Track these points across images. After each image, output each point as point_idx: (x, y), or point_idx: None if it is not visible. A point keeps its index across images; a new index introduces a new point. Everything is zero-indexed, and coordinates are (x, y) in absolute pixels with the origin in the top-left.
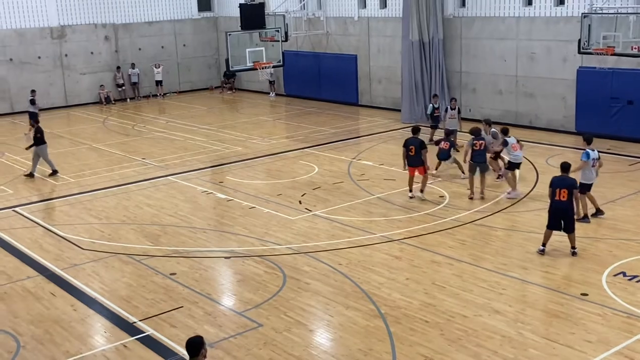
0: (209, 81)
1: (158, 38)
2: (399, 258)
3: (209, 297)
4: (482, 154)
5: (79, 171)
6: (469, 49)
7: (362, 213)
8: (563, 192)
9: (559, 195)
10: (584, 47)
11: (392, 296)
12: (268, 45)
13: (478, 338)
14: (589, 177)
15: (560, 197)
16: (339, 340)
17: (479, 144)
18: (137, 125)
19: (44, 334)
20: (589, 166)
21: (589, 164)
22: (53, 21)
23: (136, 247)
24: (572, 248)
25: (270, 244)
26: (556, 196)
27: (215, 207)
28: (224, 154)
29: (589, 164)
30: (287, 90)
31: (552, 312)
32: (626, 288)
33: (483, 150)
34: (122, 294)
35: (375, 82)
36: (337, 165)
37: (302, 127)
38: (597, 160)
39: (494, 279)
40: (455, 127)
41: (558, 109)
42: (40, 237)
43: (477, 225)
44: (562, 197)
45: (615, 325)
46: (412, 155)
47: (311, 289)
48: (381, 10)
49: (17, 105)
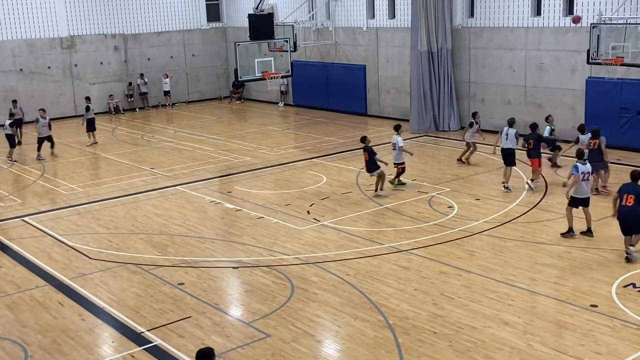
0: (218, 91)
1: (167, 48)
2: (407, 269)
3: (217, 307)
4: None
5: (88, 181)
6: (477, 59)
7: (370, 223)
8: (630, 198)
9: (626, 201)
10: (593, 57)
11: (400, 307)
12: (277, 56)
13: (487, 349)
14: (578, 191)
15: (627, 202)
16: (347, 351)
17: (594, 142)
18: (145, 135)
19: (52, 344)
20: (580, 180)
21: (579, 178)
22: (63, 31)
23: (144, 256)
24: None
25: (279, 254)
26: (623, 201)
27: (223, 217)
28: (232, 163)
29: (579, 178)
30: (296, 100)
31: (562, 323)
32: (636, 299)
33: (597, 149)
34: (130, 303)
35: (383, 92)
36: (346, 175)
37: (311, 137)
38: (590, 174)
39: (503, 290)
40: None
41: (567, 119)
42: (48, 246)
43: (486, 235)
44: (628, 202)
45: (625, 337)
46: (531, 148)
47: (319, 300)
48: (390, 20)
49: (27, 115)
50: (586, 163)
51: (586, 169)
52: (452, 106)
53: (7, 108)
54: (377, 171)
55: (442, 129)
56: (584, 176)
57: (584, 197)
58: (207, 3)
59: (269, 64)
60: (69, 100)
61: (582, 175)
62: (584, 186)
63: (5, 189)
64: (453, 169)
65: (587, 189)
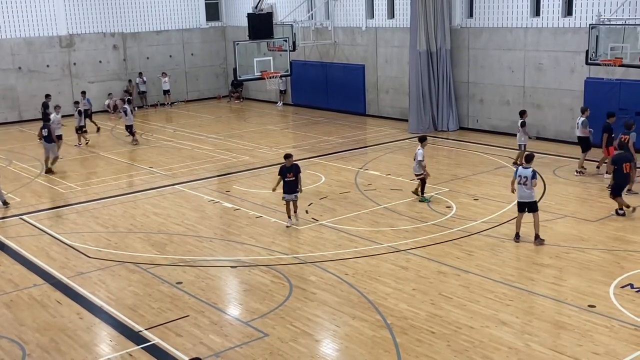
0: (217, 90)
1: (166, 47)
2: (405, 268)
3: (215, 306)
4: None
5: (87, 179)
6: (476, 59)
7: (368, 223)
8: (524, 179)
9: (521, 181)
10: (592, 58)
11: (398, 307)
12: (276, 55)
13: (485, 350)
14: (518, 195)
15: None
16: (345, 350)
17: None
18: (144, 134)
19: (50, 342)
20: (516, 183)
21: (514, 181)
22: (62, 30)
23: (143, 255)
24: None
25: (277, 254)
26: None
27: (222, 216)
28: (231, 163)
29: (516, 181)
30: (295, 100)
31: (560, 323)
32: (634, 300)
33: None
34: (128, 302)
35: (382, 92)
36: (344, 175)
37: (310, 136)
38: (527, 179)
39: (501, 290)
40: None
41: (566, 120)
42: (47, 245)
43: (484, 236)
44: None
45: (622, 338)
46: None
47: (317, 299)
48: (389, 20)
49: (26, 114)
50: (529, 168)
51: (524, 172)
52: (450, 106)
53: (5, 107)
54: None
55: (441, 129)
56: (520, 179)
57: (521, 200)
58: (206, 2)
59: (268, 64)
60: (67, 98)
61: (518, 178)
62: (521, 189)
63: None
64: (451, 169)
65: (523, 192)
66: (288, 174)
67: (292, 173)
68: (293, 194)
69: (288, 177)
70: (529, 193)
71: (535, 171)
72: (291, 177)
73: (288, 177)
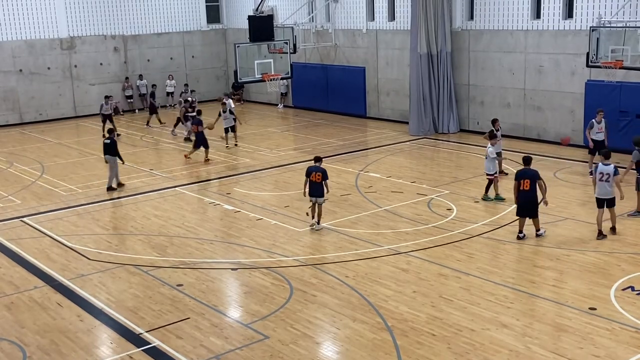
0: (218, 92)
1: (167, 49)
2: (406, 271)
3: (216, 308)
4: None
5: (87, 181)
6: (477, 61)
7: (369, 225)
8: (526, 182)
9: (523, 186)
10: (593, 60)
11: (399, 309)
12: (276, 57)
13: (485, 352)
14: (599, 191)
15: (524, 187)
16: (345, 353)
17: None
18: (145, 136)
19: (50, 344)
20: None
21: (595, 179)
22: (63, 32)
23: (143, 258)
24: None
25: (277, 256)
26: (521, 187)
27: (222, 219)
28: (231, 165)
29: (597, 178)
30: (295, 102)
31: (560, 326)
32: (635, 302)
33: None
34: (129, 304)
35: (383, 94)
36: (345, 177)
37: (310, 138)
38: (610, 175)
39: (502, 293)
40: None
41: (566, 122)
42: (47, 247)
43: (485, 238)
44: (525, 187)
45: (623, 340)
46: None
47: (318, 301)
48: (389, 22)
49: (26, 116)
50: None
51: (605, 169)
52: (451, 109)
53: (6, 109)
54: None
55: (442, 131)
56: (602, 177)
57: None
58: (207, 4)
59: (269, 66)
60: (68, 101)
61: (599, 176)
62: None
63: (5, 190)
64: (452, 171)
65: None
66: (314, 173)
67: (318, 173)
68: (314, 197)
69: (313, 177)
70: (611, 190)
71: (616, 167)
72: (317, 178)
73: (313, 178)
